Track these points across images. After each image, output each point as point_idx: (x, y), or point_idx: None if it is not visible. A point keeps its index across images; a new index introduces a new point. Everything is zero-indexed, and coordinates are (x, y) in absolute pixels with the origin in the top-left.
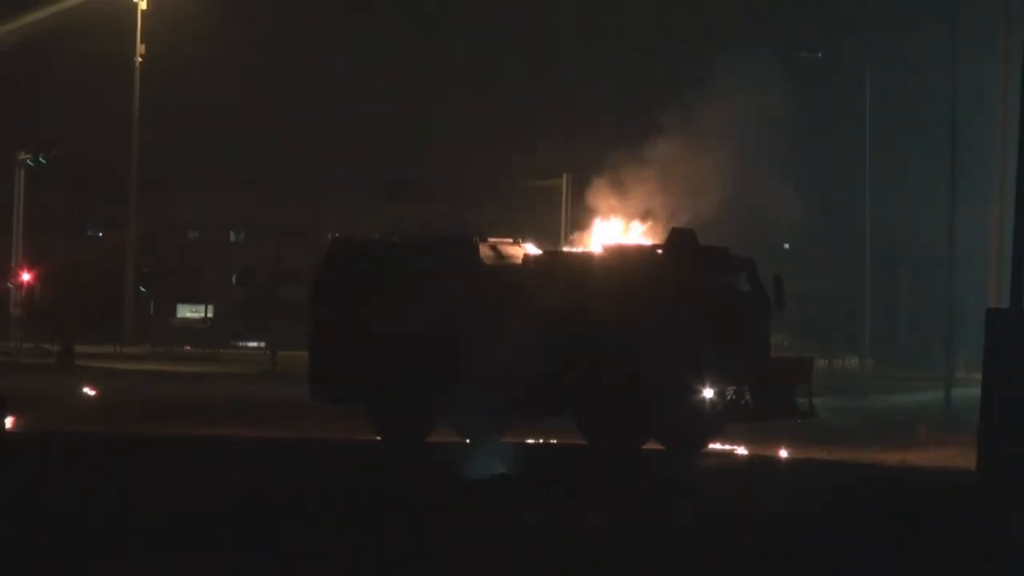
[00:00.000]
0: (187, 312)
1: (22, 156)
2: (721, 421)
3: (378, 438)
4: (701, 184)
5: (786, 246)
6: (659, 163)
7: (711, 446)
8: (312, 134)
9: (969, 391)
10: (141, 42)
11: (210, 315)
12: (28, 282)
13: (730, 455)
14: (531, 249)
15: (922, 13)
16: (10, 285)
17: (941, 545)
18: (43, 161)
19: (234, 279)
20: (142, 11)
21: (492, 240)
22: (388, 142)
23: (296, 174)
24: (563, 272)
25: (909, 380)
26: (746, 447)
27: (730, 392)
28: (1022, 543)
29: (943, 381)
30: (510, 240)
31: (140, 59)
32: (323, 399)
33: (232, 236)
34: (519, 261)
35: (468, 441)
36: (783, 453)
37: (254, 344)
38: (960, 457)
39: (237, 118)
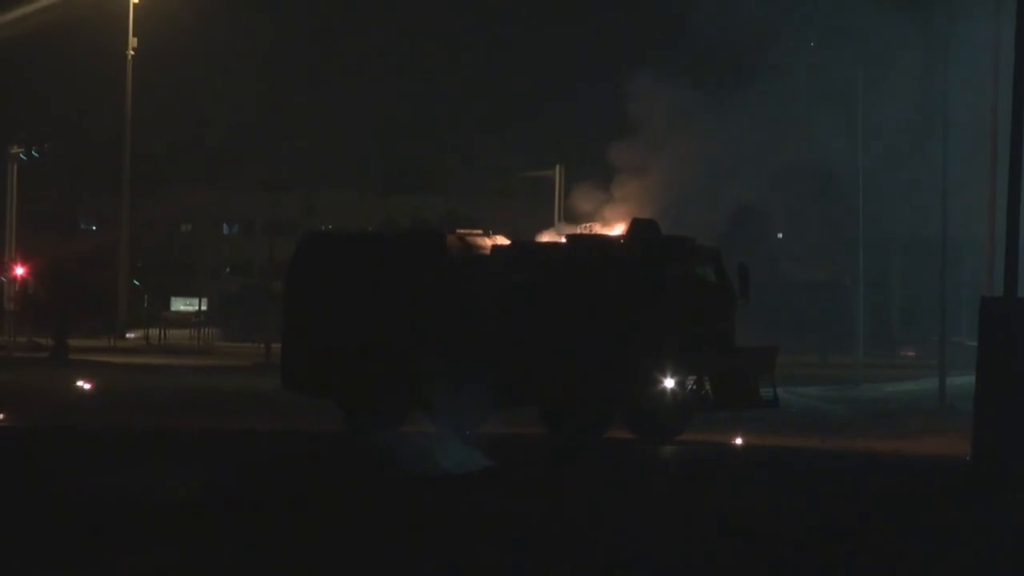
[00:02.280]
0: (181, 305)
1: (15, 150)
2: (684, 411)
3: (348, 429)
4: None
5: (779, 235)
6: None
7: (709, 437)
8: (306, 126)
9: (963, 379)
10: (133, 35)
11: (204, 308)
12: (22, 276)
13: (719, 445)
14: (501, 240)
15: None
16: (3, 279)
17: (935, 534)
18: (36, 155)
19: (227, 271)
20: (134, 4)
21: (461, 231)
22: (383, 134)
23: (290, 167)
24: (529, 263)
25: (903, 369)
26: (739, 437)
27: (691, 382)
28: (1016, 532)
29: (937, 369)
30: (479, 231)
31: (132, 52)
32: (294, 390)
33: (225, 229)
34: (487, 252)
35: (440, 432)
36: (776, 443)
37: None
38: (954, 446)
39: (230, 110)
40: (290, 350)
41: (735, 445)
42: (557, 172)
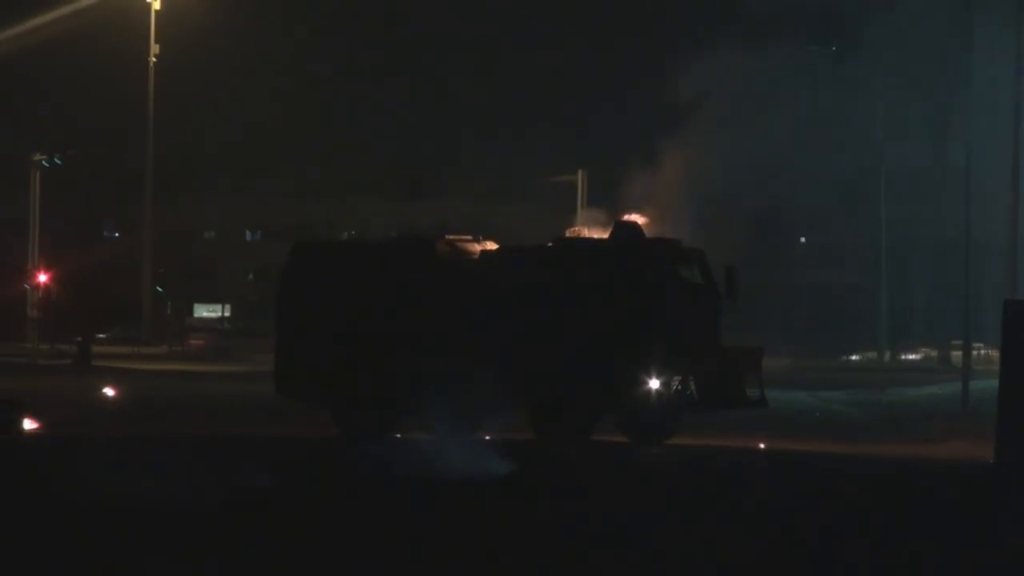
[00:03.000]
0: (204, 312)
1: (38, 157)
2: (671, 413)
3: (341, 434)
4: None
5: (802, 240)
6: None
7: (727, 442)
8: (329, 132)
9: (986, 383)
10: (155, 42)
11: (227, 314)
12: (45, 283)
13: (736, 449)
14: (490, 245)
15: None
16: (27, 287)
17: (958, 538)
18: (59, 162)
19: (250, 278)
20: (155, 12)
21: (451, 237)
22: (404, 140)
23: (313, 172)
24: (515, 267)
25: (926, 372)
26: (764, 442)
27: (676, 383)
28: None
29: (960, 373)
30: (469, 237)
31: (154, 59)
32: (288, 396)
33: (248, 235)
34: (476, 257)
35: (437, 436)
36: (797, 448)
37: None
38: (978, 450)
39: (253, 117)
40: (284, 356)
41: (752, 448)
42: (580, 177)
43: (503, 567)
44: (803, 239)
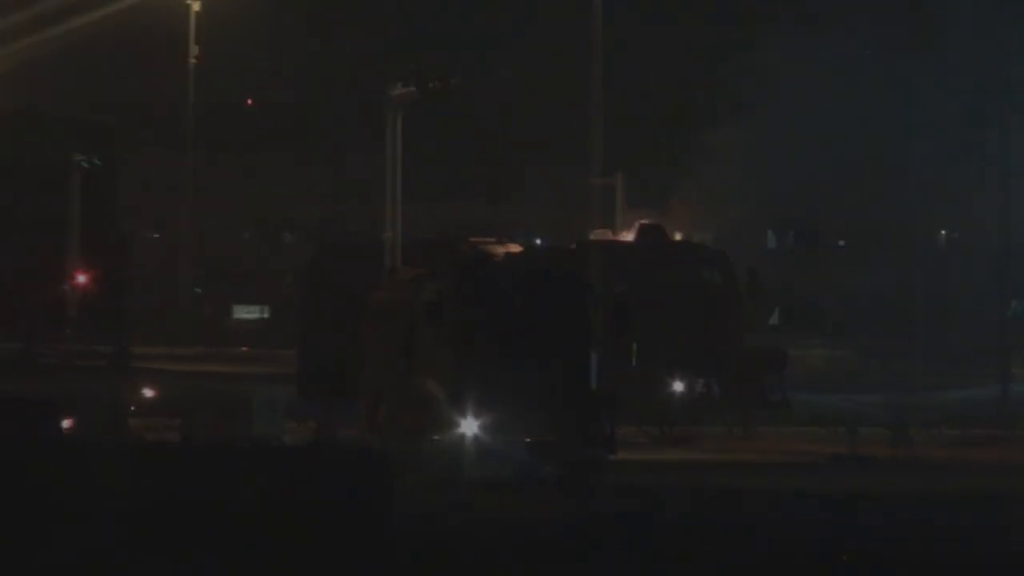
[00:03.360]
0: (243, 313)
1: (77, 158)
2: (692, 412)
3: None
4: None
5: (841, 243)
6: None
7: (754, 444)
8: (372, 134)
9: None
10: (195, 44)
11: (266, 316)
12: (83, 284)
13: (767, 452)
14: (514, 248)
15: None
16: (65, 287)
17: (991, 542)
18: (98, 163)
19: (288, 280)
20: (196, 13)
21: (474, 239)
22: (445, 141)
23: (352, 172)
24: (539, 269)
25: (962, 377)
26: (787, 445)
27: (698, 384)
28: None
29: (997, 378)
30: (493, 239)
31: (195, 61)
32: (310, 398)
33: (288, 236)
34: (500, 259)
35: (457, 440)
36: (830, 450)
37: None
38: (1015, 453)
39: (295, 118)
40: (305, 358)
41: (779, 451)
42: (618, 180)
43: (503, 567)
44: (841, 242)
